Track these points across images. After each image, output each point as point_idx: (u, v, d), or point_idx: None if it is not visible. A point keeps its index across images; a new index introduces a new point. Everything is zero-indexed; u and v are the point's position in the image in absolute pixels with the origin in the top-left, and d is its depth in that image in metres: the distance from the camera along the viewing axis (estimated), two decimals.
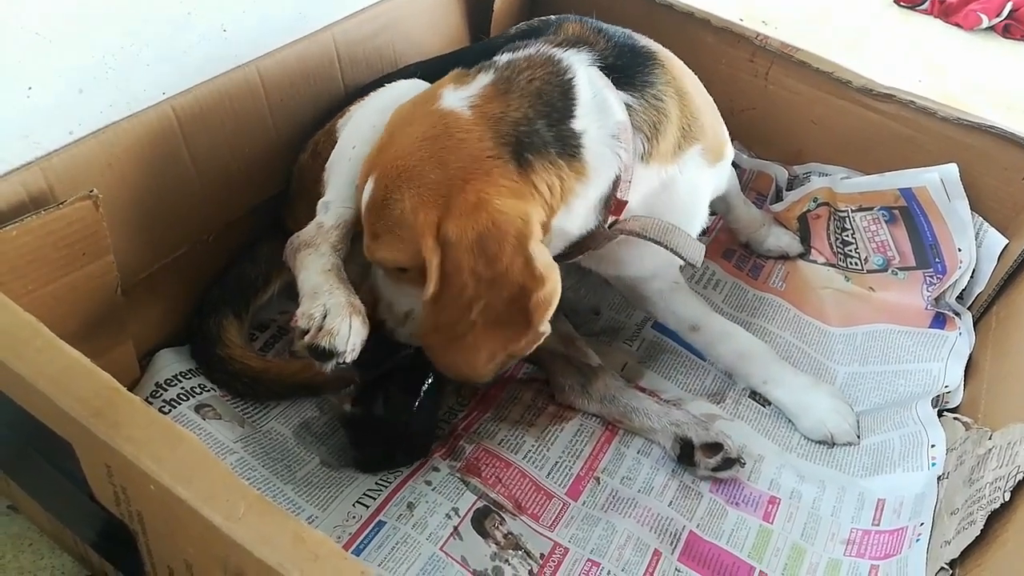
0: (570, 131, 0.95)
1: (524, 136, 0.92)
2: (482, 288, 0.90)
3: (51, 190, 0.95)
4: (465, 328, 0.93)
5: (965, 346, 1.29)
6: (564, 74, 0.97)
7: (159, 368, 1.13)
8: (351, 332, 0.92)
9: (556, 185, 0.94)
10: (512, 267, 0.89)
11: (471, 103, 0.93)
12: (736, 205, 1.48)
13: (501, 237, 0.88)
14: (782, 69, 1.50)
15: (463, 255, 0.88)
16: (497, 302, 0.91)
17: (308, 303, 0.95)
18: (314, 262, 1.01)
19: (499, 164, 0.90)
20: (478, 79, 0.96)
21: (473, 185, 0.89)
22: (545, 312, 0.93)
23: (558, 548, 1.04)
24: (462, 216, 0.88)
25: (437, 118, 0.93)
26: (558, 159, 0.93)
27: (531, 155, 0.92)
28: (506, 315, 0.92)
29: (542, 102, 0.94)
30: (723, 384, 1.29)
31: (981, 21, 2.53)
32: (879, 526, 1.09)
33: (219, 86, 1.11)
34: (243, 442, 1.07)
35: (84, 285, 0.96)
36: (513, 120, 0.92)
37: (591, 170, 0.96)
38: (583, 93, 0.96)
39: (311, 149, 1.19)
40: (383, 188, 0.93)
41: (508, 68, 0.97)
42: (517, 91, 0.94)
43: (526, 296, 0.91)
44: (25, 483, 0.95)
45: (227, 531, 0.64)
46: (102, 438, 0.69)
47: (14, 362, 0.73)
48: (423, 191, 0.90)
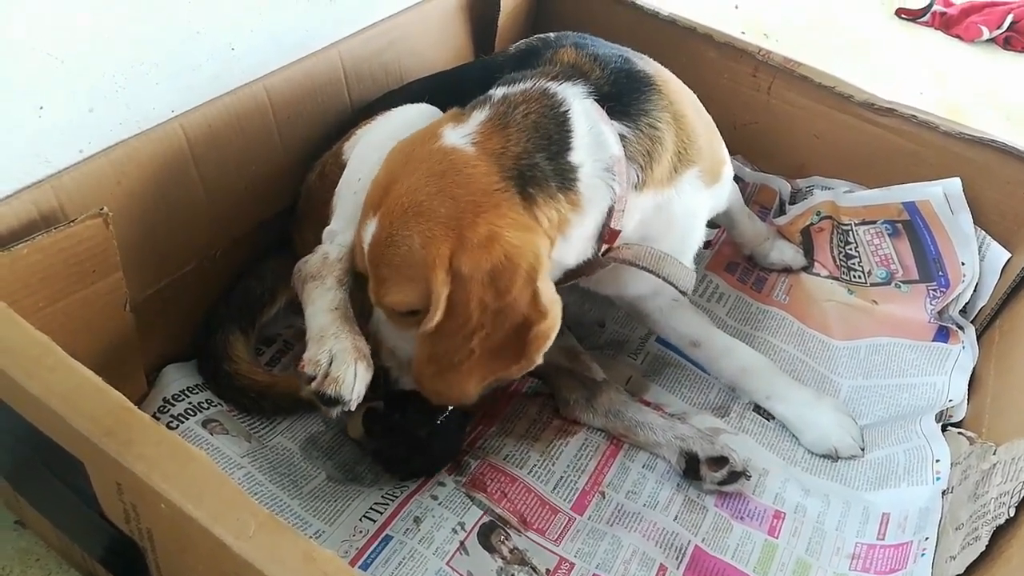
0: (568, 164, 0.96)
1: (526, 170, 0.93)
2: (486, 319, 0.91)
3: (61, 208, 0.96)
4: (462, 357, 0.94)
5: (968, 360, 1.30)
6: (559, 107, 0.98)
7: (166, 383, 1.13)
8: (356, 380, 0.93)
9: (555, 218, 0.95)
10: (519, 300, 0.90)
11: (472, 140, 0.94)
12: (740, 220, 1.49)
13: (513, 270, 0.89)
14: (784, 83, 1.51)
15: (474, 287, 0.89)
16: (499, 332, 0.92)
17: (314, 348, 0.96)
18: (320, 297, 1.02)
19: (507, 197, 0.91)
20: (474, 116, 0.97)
21: (485, 218, 0.89)
22: (543, 344, 0.94)
23: (564, 563, 1.04)
24: (476, 249, 0.88)
25: (442, 155, 0.93)
26: (557, 192, 0.95)
27: (533, 189, 0.93)
28: (505, 345, 0.93)
29: (540, 135, 0.95)
30: (727, 398, 1.29)
31: (982, 33, 2.54)
32: (884, 540, 1.09)
33: (227, 104, 1.12)
34: (250, 457, 1.08)
35: (94, 302, 0.96)
36: (514, 154, 0.93)
37: (586, 202, 0.97)
38: (579, 126, 0.97)
39: (319, 170, 1.20)
40: (388, 226, 0.93)
41: (504, 103, 0.97)
42: (514, 126, 0.95)
43: (527, 328, 0.92)
44: (34, 499, 0.96)
45: (237, 550, 0.64)
46: (113, 456, 0.70)
47: (26, 380, 0.74)
48: (433, 226, 0.90)
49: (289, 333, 1.29)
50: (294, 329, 1.29)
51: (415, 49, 1.42)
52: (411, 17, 1.41)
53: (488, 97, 0.99)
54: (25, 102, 0.93)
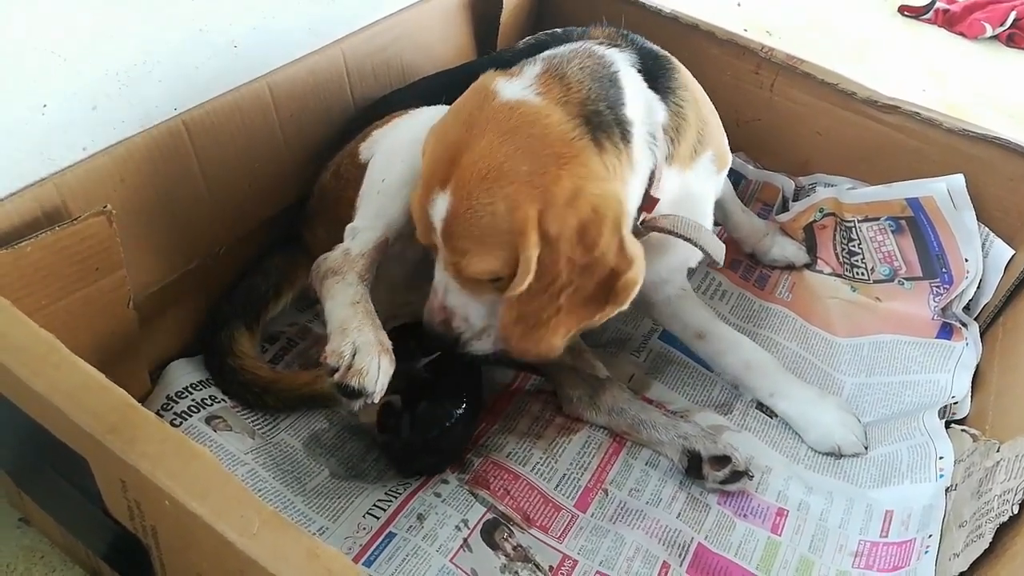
0: (624, 118, 0.95)
1: (593, 116, 0.92)
2: (575, 275, 0.90)
3: (65, 206, 0.96)
4: (550, 314, 0.92)
5: (972, 357, 1.30)
6: (610, 67, 0.98)
7: (170, 380, 1.14)
8: (380, 372, 0.92)
9: (616, 168, 0.94)
10: (608, 251, 0.90)
11: (535, 90, 0.92)
12: (733, 211, 1.49)
13: (601, 223, 0.88)
14: (787, 80, 1.51)
15: (564, 245, 0.88)
16: (587, 286, 0.91)
17: (337, 340, 0.94)
18: (341, 292, 1.00)
19: (584, 145, 0.90)
20: (526, 70, 0.95)
21: (568, 171, 0.88)
22: (631, 292, 0.93)
23: (567, 560, 1.04)
24: (563, 207, 0.87)
25: (509, 110, 0.90)
26: (619, 142, 0.94)
27: (601, 136, 0.92)
28: (592, 296, 0.92)
29: (598, 85, 0.94)
30: (730, 395, 1.29)
31: (985, 30, 2.53)
32: (887, 538, 1.09)
33: (230, 101, 1.13)
34: (254, 454, 1.08)
35: (97, 300, 0.97)
36: (578, 100, 0.92)
37: (636, 163, 0.97)
38: (629, 87, 0.98)
39: (333, 170, 1.20)
40: (465, 197, 0.90)
41: (555, 58, 0.97)
42: (573, 76, 0.94)
43: (615, 277, 0.91)
44: (39, 496, 0.96)
45: (241, 547, 0.64)
46: (117, 454, 0.70)
47: (30, 378, 0.74)
48: (518, 188, 0.87)
49: (292, 331, 1.29)
50: (298, 326, 1.30)
51: (418, 46, 1.42)
52: (413, 14, 1.41)
53: (534, 59, 0.98)
54: (28, 100, 0.93)
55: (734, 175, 1.58)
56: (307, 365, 1.24)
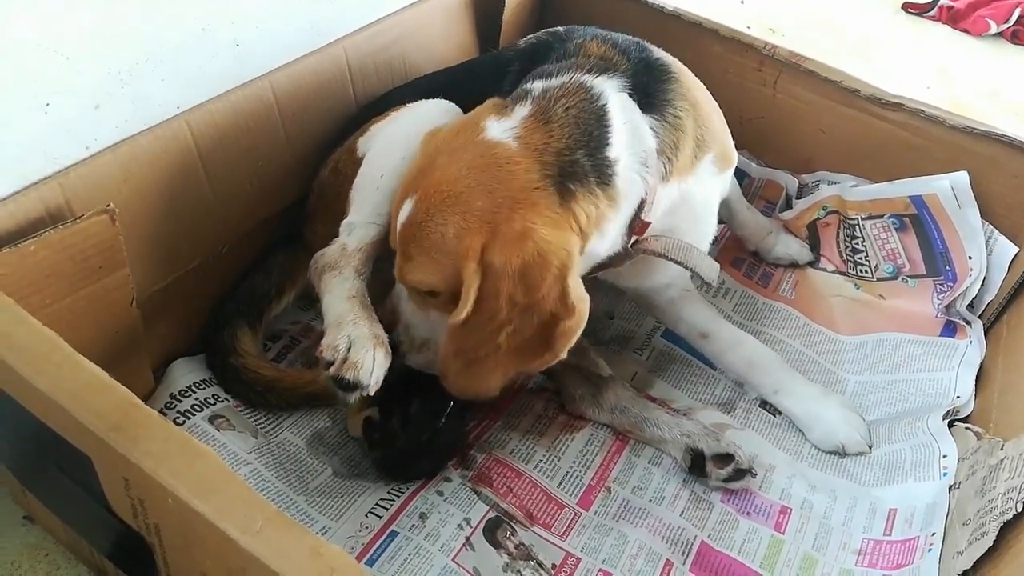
0: (606, 160, 0.97)
1: (567, 166, 0.94)
2: (515, 314, 0.91)
3: (68, 205, 0.96)
4: (488, 351, 0.94)
5: (976, 355, 1.29)
6: (597, 101, 0.98)
7: (173, 379, 1.14)
8: (375, 365, 0.93)
9: (593, 212, 0.95)
10: (549, 296, 0.91)
11: (515, 134, 0.95)
12: (739, 210, 1.49)
13: (544, 267, 0.90)
14: (790, 78, 1.50)
15: (504, 282, 0.89)
16: (527, 328, 0.93)
17: (333, 334, 0.96)
18: (338, 286, 1.02)
19: (544, 195, 0.92)
20: (517, 111, 0.97)
21: (520, 214, 0.90)
22: (569, 340, 0.95)
23: (570, 558, 1.04)
24: (508, 243, 0.89)
25: (485, 148, 0.94)
26: (595, 188, 0.95)
27: (573, 185, 0.94)
28: (531, 340, 0.94)
29: (580, 131, 0.96)
30: (733, 393, 1.29)
31: (989, 27, 2.52)
32: (891, 536, 1.09)
33: (233, 100, 1.13)
34: (256, 453, 1.08)
35: (100, 298, 0.97)
36: (556, 151, 0.94)
37: (621, 196, 0.98)
38: (616, 121, 0.98)
39: (331, 166, 1.20)
40: (424, 210, 0.93)
41: (544, 97, 0.98)
42: (556, 121, 0.96)
43: (555, 324, 0.93)
44: (43, 494, 0.96)
45: (244, 545, 0.65)
46: (120, 452, 0.70)
47: (34, 376, 0.74)
48: (469, 217, 0.91)
49: (295, 329, 1.29)
50: (300, 325, 1.30)
51: (420, 45, 1.42)
52: (415, 13, 1.41)
53: (528, 91, 0.99)
54: (31, 99, 0.93)
55: (737, 173, 1.57)
56: (310, 364, 1.24)
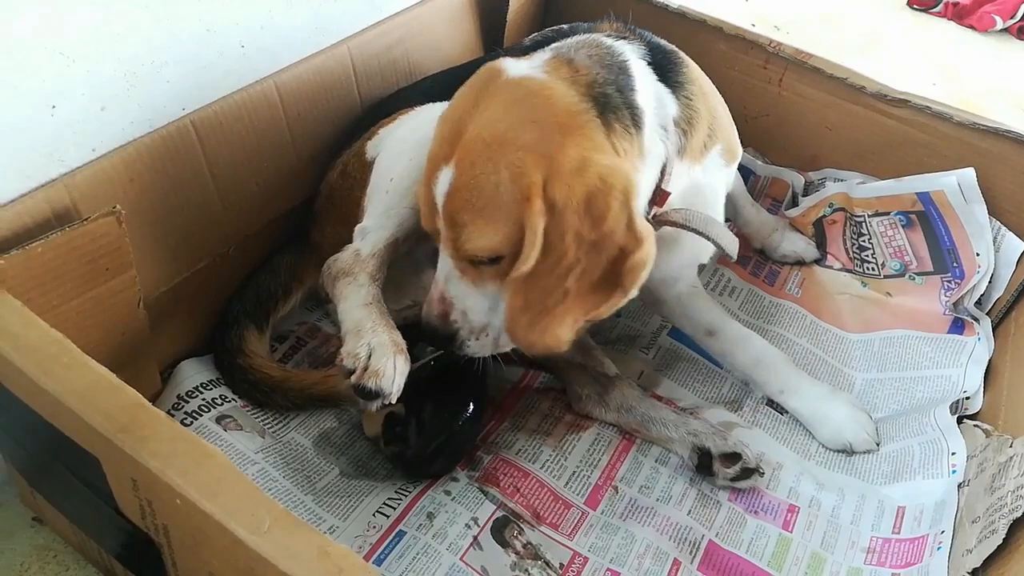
0: (635, 104, 0.94)
1: (601, 96, 0.91)
2: (582, 252, 0.87)
3: (75, 206, 0.96)
4: (557, 299, 0.89)
5: (984, 352, 1.29)
6: (619, 56, 0.97)
7: (180, 380, 1.14)
8: (396, 372, 0.92)
9: (626, 151, 0.92)
10: (616, 227, 0.87)
11: (542, 69, 0.92)
12: (743, 206, 1.48)
13: (609, 194, 0.85)
14: (796, 75, 1.50)
15: (570, 217, 0.85)
16: (595, 267, 0.88)
17: (352, 342, 0.94)
18: (354, 293, 1.01)
19: (590, 118, 0.88)
20: (536, 55, 0.94)
21: (574, 140, 0.86)
22: (640, 275, 0.90)
23: (577, 557, 1.04)
24: (569, 175, 0.84)
25: (514, 84, 0.90)
26: (630, 126, 0.92)
27: (611, 116, 0.90)
28: (600, 280, 0.89)
29: (607, 70, 0.93)
30: (740, 392, 1.29)
31: (995, 23, 2.51)
32: (899, 534, 1.09)
33: (238, 101, 1.13)
34: (264, 453, 1.09)
35: (107, 300, 0.97)
36: (586, 82, 0.91)
37: (647, 152, 0.96)
38: (639, 76, 0.97)
39: (340, 168, 1.20)
40: (468, 168, 0.88)
41: (564, 47, 0.96)
42: (580, 60, 0.93)
43: (624, 258, 0.88)
44: (51, 496, 0.97)
45: (252, 545, 0.65)
46: (129, 453, 0.70)
47: (42, 378, 0.75)
48: (522, 154, 0.85)
49: (302, 330, 1.30)
50: (307, 325, 1.30)
51: (424, 45, 1.42)
52: (420, 13, 1.41)
53: (543, 48, 0.97)
54: (38, 101, 0.93)
55: (743, 171, 1.57)
56: (317, 364, 1.25)
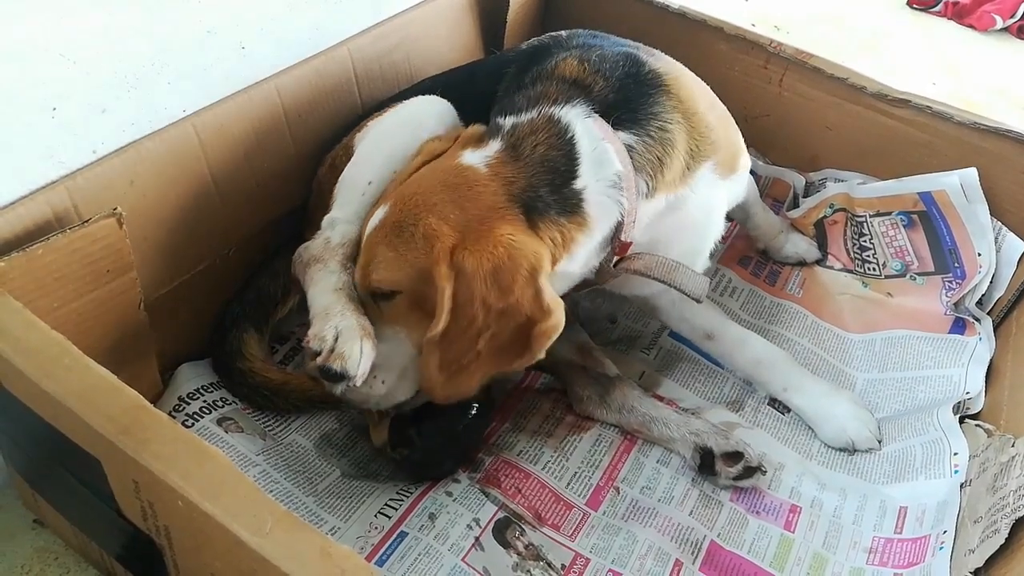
0: (571, 191, 0.99)
1: (530, 201, 0.97)
2: (491, 318, 0.93)
3: (75, 208, 0.96)
4: (470, 359, 0.95)
5: (985, 352, 1.29)
6: (564, 134, 1.00)
7: (181, 382, 1.14)
8: (362, 355, 0.94)
9: (559, 238, 0.98)
10: (523, 298, 0.93)
11: (487, 163, 0.98)
12: (755, 212, 1.48)
13: (515, 268, 0.92)
14: (796, 75, 1.50)
15: (477, 285, 0.91)
16: (504, 332, 0.94)
17: (320, 324, 0.97)
18: (324, 279, 1.03)
19: (511, 215, 0.95)
20: (491, 144, 1.01)
21: (488, 225, 0.93)
22: (547, 342, 0.96)
23: (579, 558, 1.04)
24: (478, 245, 0.92)
25: (458, 169, 0.99)
26: (559, 217, 0.98)
27: (536, 216, 0.97)
28: (510, 343, 0.95)
29: (545, 169, 0.98)
30: (742, 392, 1.29)
31: (995, 22, 2.51)
32: (902, 534, 1.09)
33: (238, 103, 1.13)
34: (265, 455, 1.08)
35: (108, 301, 0.97)
36: (521, 187, 0.97)
37: (592, 220, 1.00)
38: (583, 149, 0.99)
39: (328, 163, 1.20)
40: (398, 213, 0.97)
41: (513, 135, 1.00)
42: (523, 159, 0.99)
43: (531, 325, 0.94)
44: (52, 498, 0.97)
45: (254, 546, 0.65)
46: (130, 454, 0.70)
47: (43, 380, 0.75)
48: (440, 222, 0.94)
49: (302, 331, 1.29)
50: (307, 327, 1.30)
51: (425, 47, 1.42)
52: (420, 14, 1.41)
53: (500, 127, 1.02)
54: (39, 103, 0.93)
55: None
56: None
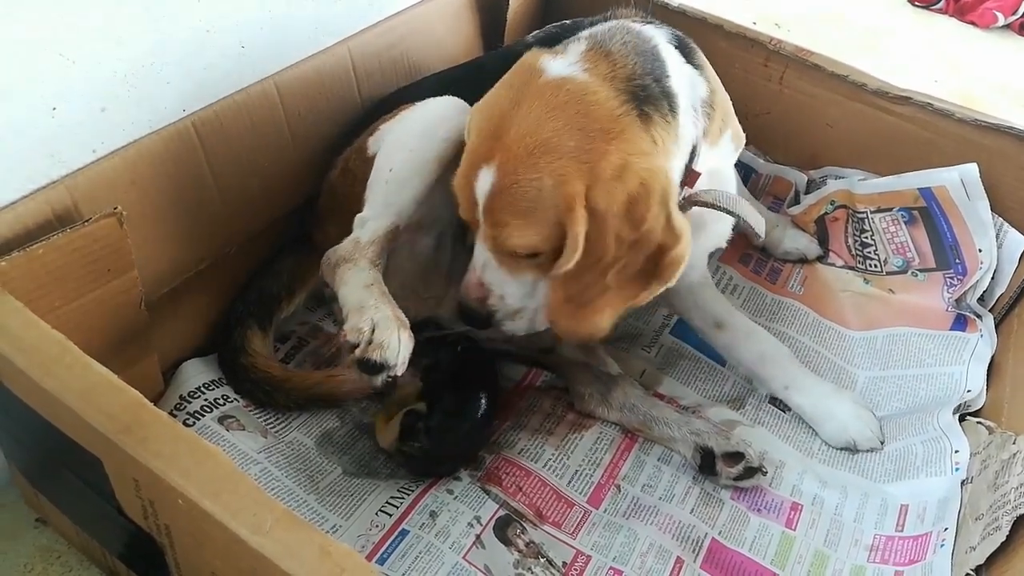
0: (670, 90, 0.97)
1: (639, 90, 0.93)
2: (623, 250, 0.91)
3: (76, 207, 0.96)
4: (597, 292, 0.93)
5: (987, 348, 1.28)
6: (649, 41, 0.99)
7: (183, 380, 1.14)
8: (400, 345, 0.92)
9: (664, 140, 0.94)
10: (655, 226, 0.91)
11: (582, 67, 0.93)
12: None
13: (649, 197, 0.89)
14: (797, 72, 1.49)
15: (611, 221, 0.89)
16: (635, 262, 0.92)
17: (355, 317, 0.95)
18: (354, 276, 1.02)
19: (629, 121, 0.91)
20: (571, 48, 0.96)
21: (615, 146, 0.89)
22: (679, 268, 0.94)
23: (580, 556, 1.04)
24: (611, 182, 0.88)
25: (556, 86, 0.91)
26: (668, 113, 0.95)
27: (648, 108, 0.93)
28: (639, 273, 0.93)
29: (643, 59, 0.96)
30: (743, 390, 1.29)
31: (997, 19, 2.50)
32: (903, 532, 1.09)
33: (238, 102, 1.13)
34: (266, 452, 1.09)
35: (109, 301, 0.97)
36: (625, 75, 0.93)
37: (681, 132, 0.98)
38: (670, 60, 0.99)
39: (341, 166, 1.20)
40: (511, 171, 0.90)
41: (597, 36, 0.98)
42: (616, 51, 0.95)
43: (663, 253, 0.92)
44: (54, 497, 0.97)
45: (254, 544, 0.65)
46: (130, 453, 0.70)
47: (44, 379, 0.75)
48: (565, 163, 0.88)
49: (304, 330, 1.30)
50: (309, 326, 1.30)
51: (424, 43, 1.42)
52: (419, 12, 1.41)
53: (576, 38, 0.99)
54: (39, 103, 0.93)
55: (744, 169, 1.57)
56: (319, 364, 1.25)
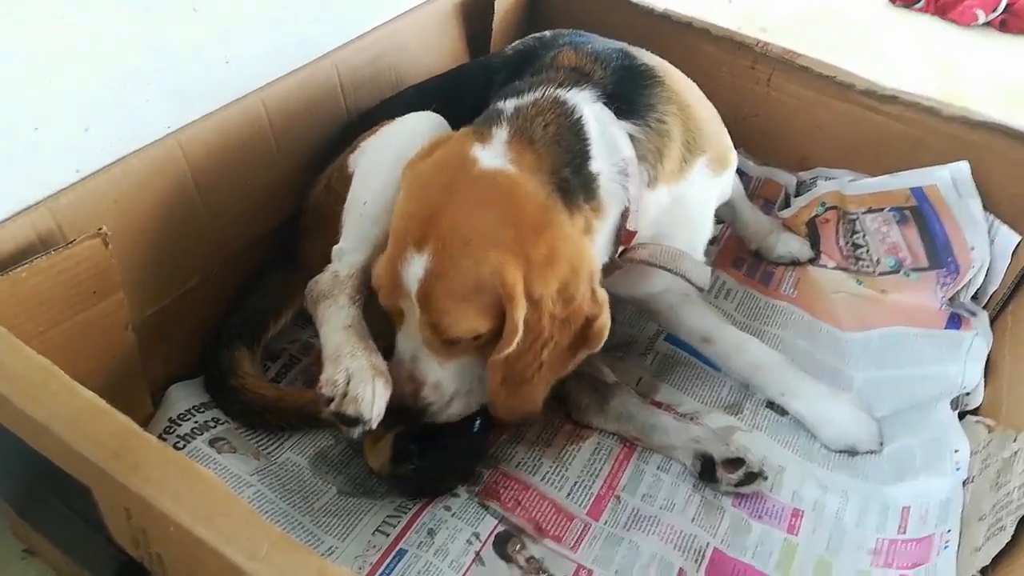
0: (590, 174, 0.98)
1: (563, 183, 0.96)
2: (555, 329, 0.94)
3: (59, 229, 0.95)
4: (532, 372, 0.95)
5: (982, 346, 1.28)
6: (572, 115, 0.99)
7: (172, 403, 1.12)
8: (375, 397, 0.93)
9: (582, 225, 0.97)
10: (583, 302, 0.95)
11: (509, 159, 0.95)
12: (743, 211, 1.48)
13: (577, 278, 0.93)
14: (784, 75, 1.50)
15: (547, 304, 0.92)
16: (565, 337, 0.95)
17: (331, 368, 0.96)
18: (334, 316, 1.02)
19: (556, 211, 0.94)
20: (496, 134, 0.97)
21: (545, 236, 0.92)
22: (605, 333, 0.99)
23: (582, 570, 1.02)
24: (545, 268, 0.91)
25: (489, 179, 0.93)
26: (584, 203, 0.97)
27: (570, 200, 0.96)
28: (570, 346, 0.96)
29: (562, 149, 0.97)
30: (740, 395, 1.28)
31: (978, 17, 2.52)
32: (906, 535, 1.08)
33: (224, 118, 1.12)
34: (259, 475, 1.07)
35: (95, 323, 0.95)
36: (548, 168, 0.96)
37: (605, 207, 1.00)
38: (592, 132, 0.99)
39: (324, 184, 1.19)
40: (448, 260, 0.91)
41: (519, 117, 0.98)
42: (539, 140, 0.97)
43: (590, 324, 0.96)
44: (42, 527, 0.95)
45: (250, 571, 0.63)
46: (120, 480, 0.69)
47: (29, 406, 0.73)
48: (501, 253, 0.90)
49: (294, 347, 1.28)
50: (300, 343, 1.28)
51: (410, 55, 1.41)
52: (405, 24, 1.40)
53: (500, 112, 0.99)
54: (21, 122, 0.92)
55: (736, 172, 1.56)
56: (310, 382, 1.22)
